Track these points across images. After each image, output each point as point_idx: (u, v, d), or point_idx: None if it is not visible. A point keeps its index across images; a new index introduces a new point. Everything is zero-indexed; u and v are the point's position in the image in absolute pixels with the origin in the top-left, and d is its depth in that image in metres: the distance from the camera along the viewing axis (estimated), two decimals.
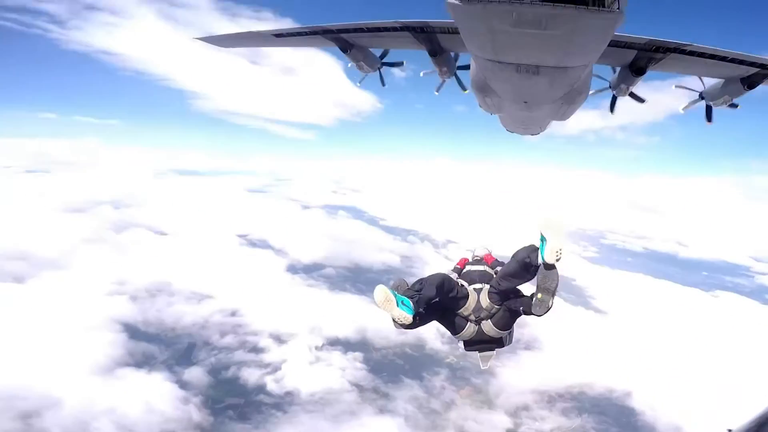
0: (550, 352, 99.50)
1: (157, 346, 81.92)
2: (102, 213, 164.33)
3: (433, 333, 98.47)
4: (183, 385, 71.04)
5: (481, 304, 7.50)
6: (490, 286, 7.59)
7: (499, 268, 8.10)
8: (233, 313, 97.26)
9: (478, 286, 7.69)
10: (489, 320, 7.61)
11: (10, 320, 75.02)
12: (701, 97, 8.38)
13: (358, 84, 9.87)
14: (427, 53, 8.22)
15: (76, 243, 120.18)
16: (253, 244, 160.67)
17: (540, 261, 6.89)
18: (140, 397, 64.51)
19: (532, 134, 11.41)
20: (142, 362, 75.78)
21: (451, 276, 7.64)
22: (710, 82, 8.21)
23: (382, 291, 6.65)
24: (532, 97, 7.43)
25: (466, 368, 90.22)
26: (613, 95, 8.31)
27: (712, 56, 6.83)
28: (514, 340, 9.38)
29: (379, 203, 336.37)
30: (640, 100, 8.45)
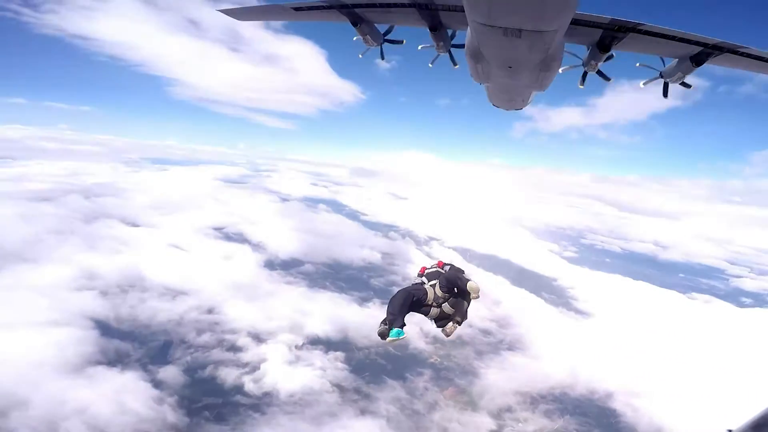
0: (533, 353, 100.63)
1: (131, 344, 79.29)
2: (71, 202, 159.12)
3: (417, 333, 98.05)
4: (157, 384, 68.83)
5: (437, 294, 10.21)
6: (438, 282, 10.33)
7: (447, 267, 10.87)
8: (210, 311, 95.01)
9: (433, 282, 10.40)
10: (446, 303, 10.22)
11: None
12: (661, 75, 9.20)
13: (360, 55, 10.59)
14: (427, 30, 9.14)
15: (43, 234, 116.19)
16: (229, 237, 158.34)
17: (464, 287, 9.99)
18: (113, 396, 62.18)
19: (516, 108, 12.08)
20: (115, 360, 73.15)
21: (409, 287, 10.55)
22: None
23: (394, 343, 9.79)
24: (515, 61, 8.34)
25: (450, 369, 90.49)
26: (585, 71, 9.18)
27: (664, 36, 7.86)
28: (497, 339, 73.70)
29: (360, 197, 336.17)
30: (606, 78, 9.44)
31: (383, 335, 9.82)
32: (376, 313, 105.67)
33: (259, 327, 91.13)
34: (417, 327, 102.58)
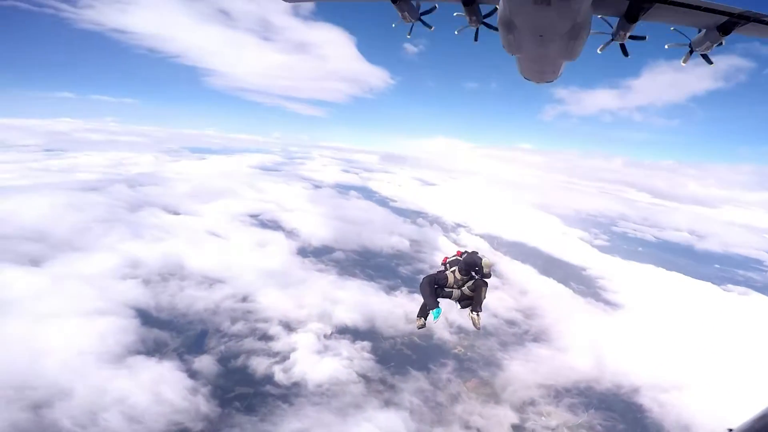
0: (558, 345, 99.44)
1: (169, 333, 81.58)
2: (117, 192, 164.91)
3: (442, 323, 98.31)
4: (193, 374, 70.81)
5: (456, 278, 11.92)
6: (458, 266, 11.93)
7: (465, 255, 12.22)
8: (244, 299, 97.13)
9: (453, 268, 12.07)
10: (465, 286, 11.96)
11: (24, 306, 74.72)
12: (690, 46, 9.06)
13: (408, 35, 11.11)
14: (461, 4, 9.45)
15: (91, 222, 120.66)
16: (264, 224, 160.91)
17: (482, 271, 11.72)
18: (150, 386, 64.38)
19: (547, 80, 12.03)
20: (153, 350, 75.50)
21: (433, 273, 12.28)
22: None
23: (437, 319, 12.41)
24: (545, 29, 8.54)
25: (474, 359, 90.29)
26: (615, 42, 9.27)
27: (690, 6, 7.84)
28: (522, 330, 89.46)
29: (389, 184, 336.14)
30: (641, 38, 9.23)
31: (421, 327, 12.87)
32: (403, 301, 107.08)
33: (290, 316, 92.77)
34: (442, 317, 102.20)
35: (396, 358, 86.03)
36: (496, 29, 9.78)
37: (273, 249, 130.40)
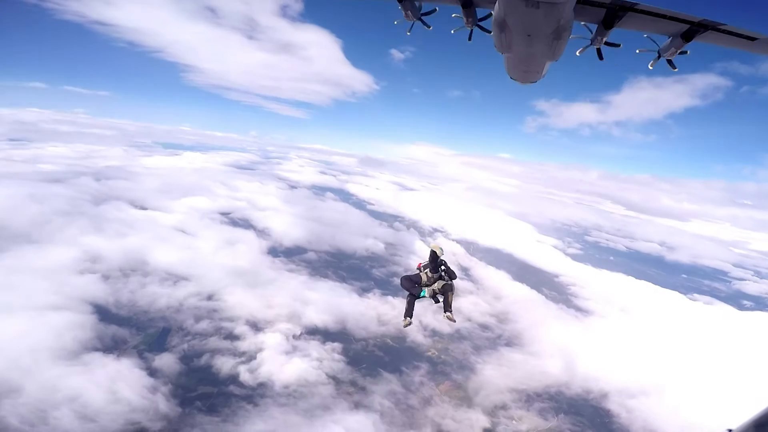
0: (530, 350, 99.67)
1: (128, 330, 78.74)
2: (82, 184, 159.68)
3: (416, 325, 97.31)
4: (153, 372, 68.23)
5: (428, 275, 14.09)
6: (429, 268, 14.21)
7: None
8: (210, 297, 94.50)
9: (426, 270, 14.21)
10: (436, 282, 14.12)
11: None
12: (659, 53, 9.73)
13: (408, 32, 11.46)
14: (459, 6, 10.02)
15: (51, 215, 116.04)
16: (235, 223, 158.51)
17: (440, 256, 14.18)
18: (106, 384, 61.57)
19: (532, 80, 12.51)
20: (111, 347, 72.58)
21: (409, 274, 14.37)
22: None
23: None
24: (533, 29, 9.14)
25: (447, 363, 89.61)
26: (595, 47, 9.93)
27: (657, 14, 8.65)
28: (495, 335, 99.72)
29: (368, 187, 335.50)
30: (616, 45, 10.01)
31: (407, 326, 14.47)
32: (375, 303, 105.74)
33: (258, 315, 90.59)
34: (416, 320, 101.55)
35: (367, 360, 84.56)
36: (488, 32, 10.62)
37: (242, 248, 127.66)
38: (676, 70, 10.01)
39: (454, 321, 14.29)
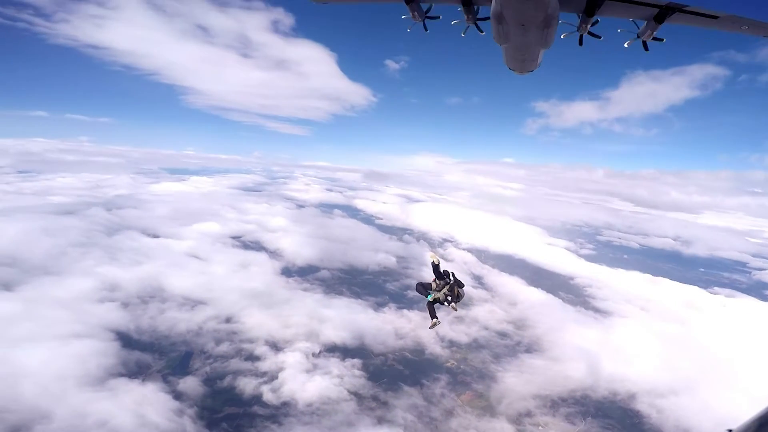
0: (551, 355, 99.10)
1: (151, 355, 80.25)
2: (94, 215, 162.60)
3: (433, 337, 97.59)
4: (178, 395, 69.26)
5: (437, 283, 15.99)
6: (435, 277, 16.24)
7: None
8: (228, 320, 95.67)
9: (435, 280, 16.14)
10: (444, 289, 15.82)
11: None
12: (638, 36, 10.71)
13: (408, 29, 12.43)
14: (460, 5, 11.32)
15: (67, 247, 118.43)
16: (246, 246, 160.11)
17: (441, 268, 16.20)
18: (134, 408, 62.56)
19: (528, 69, 13.81)
20: (136, 372, 74.05)
21: (423, 282, 16.73)
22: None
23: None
24: (526, 18, 10.52)
25: (467, 373, 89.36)
26: (579, 34, 11.07)
27: (630, 1, 9.78)
28: (514, 342, 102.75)
29: (374, 201, 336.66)
30: (597, 36, 11.12)
31: (434, 326, 16.25)
32: (392, 317, 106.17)
33: (277, 335, 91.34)
34: (433, 332, 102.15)
35: (388, 375, 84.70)
36: (482, 31, 12.03)
37: (256, 270, 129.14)
38: (648, 51, 11.11)
39: (456, 310, 16.34)
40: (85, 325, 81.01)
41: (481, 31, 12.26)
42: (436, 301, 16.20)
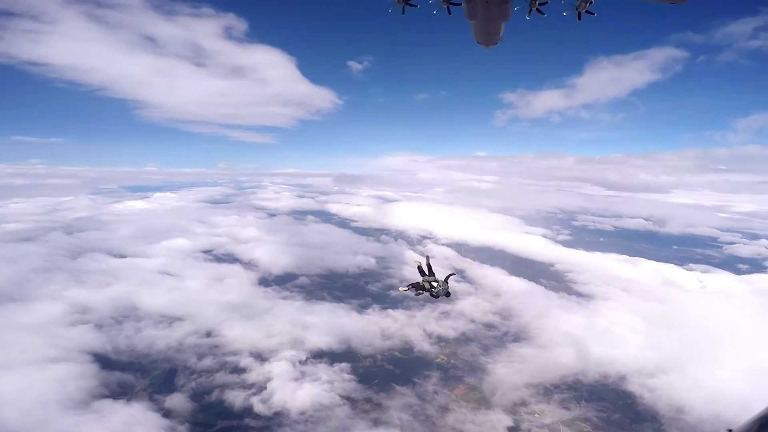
0: (539, 343, 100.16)
1: (133, 375, 78.61)
2: (54, 240, 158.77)
3: (420, 334, 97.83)
4: (167, 413, 67.96)
5: (425, 280, 19.48)
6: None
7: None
8: (209, 334, 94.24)
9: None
10: (433, 283, 19.36)
11: None
12: (576, 8, 11.92)
13: (390, 10, 13.31)
14: None
15: (29, 273, 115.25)
16: (219, 259, 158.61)
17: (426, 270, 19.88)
18: (123, 429, 61.18)
19: (493, 42, 15.06)
20: (119, 392, 72.44)
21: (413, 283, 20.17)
22: None
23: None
24: None
25: (458, 367, 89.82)
26: (530, 7, 12.50)
27: None
28: (501, 332, 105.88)
29: (348, 204, 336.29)
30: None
31: (447, 293, 19.97)
32: (376, 318, 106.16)
33: (260, 346, 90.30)
34: (420, 329, 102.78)
35: (378, 376, 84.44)
36: (450, 13, 13.31)
37: (232, 282, 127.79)
38: (580, 20, 12.32)
39: (446, 291, 19.91)
40: (59, 349, 79.07)
41: (450, 13, 13.58)
42: (422, 287, 19.94)
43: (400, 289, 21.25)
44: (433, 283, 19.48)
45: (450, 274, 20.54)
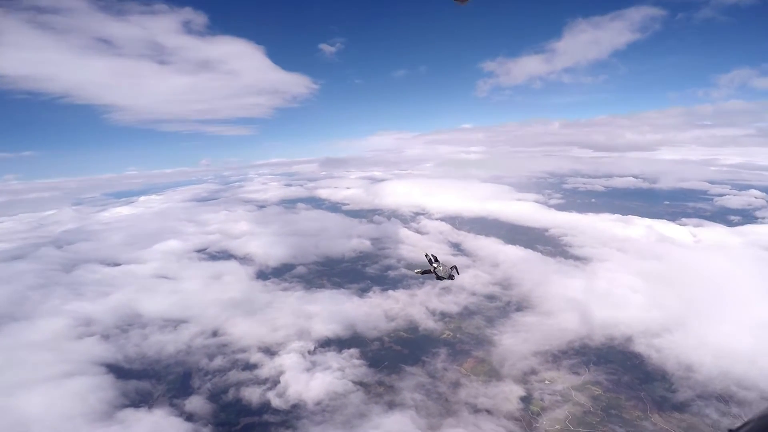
0: (543, 310, 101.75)
1: (149, 382, 79.74)
2: (45, 255, 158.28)
3: (424, 312, 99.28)
4: (189, 417, 69.17)
5: (432, 266, 26.88)
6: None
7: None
8: (215, 334, 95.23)
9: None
10: (439, 268, 26.67)
11: None
12: None
13: None
14: None
15: (26, 291, 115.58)
16: (214, 257, 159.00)
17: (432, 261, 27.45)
18: None
19: None
20: (139, 400, 73.68)
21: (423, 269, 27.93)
22: None
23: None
24: None
25: (464, 341, 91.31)
26: None
27: None
28: (504, 303, 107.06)
29: (337, 189, 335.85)
30: None
31: (450, 276, 27.05)
32: (378, 301, 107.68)
33: (268, 340, 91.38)
34: (422, 306, 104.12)
35: (387, 358, 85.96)
36: None
37: (229, 279, 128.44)
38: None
39: (454, 270, 27.24)
40: (71, 363, 79.83)
41: None
42: (428, 272, 27.19)
43: (415, 272, 29.41)
44: (439, 268, 26.90)
45: (453, 266, 27.65)
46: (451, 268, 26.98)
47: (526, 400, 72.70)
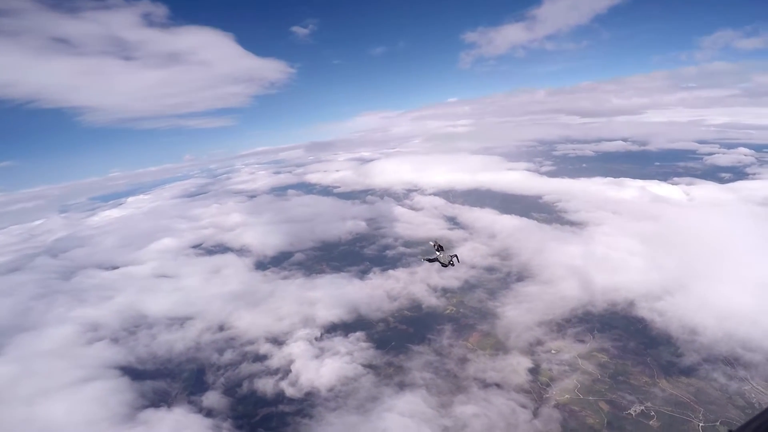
0: (543, 279, 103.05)
1: (164, 381, 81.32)
2: (41, 265, 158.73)
3: (425, 289, 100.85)
4: (208, 412, 70.74)
5: (437, 253, 30.39)
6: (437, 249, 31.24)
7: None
8: (221, 328, 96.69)
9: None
10: (442, 255, 30.34)
11: (4, 395, 73.53)
12: None
13: None
14: None
15: (28, 302, 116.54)
16: (210, 251, 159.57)
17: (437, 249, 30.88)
18: None
19: None
20: (158, 400, 75.12)
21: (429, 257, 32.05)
22: None
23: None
24: None
25: (467, 315, 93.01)
26: None
27: None
28: (504, 273, 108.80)
29: (326, 172, 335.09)
30: None
31: (450, 262, 30.36)
32: (379, 282, 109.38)
33: (274, 330, 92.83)
34: (423, 284, 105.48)
35: (394, 338, 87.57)
36: None
37: (229, 272, 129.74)
38: None
39: (454, 257, 30.09)
40: (85, 368, 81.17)
41: None
42: (434, 260, 30.45)
43: (423, 259, 33.29)
44: (441, 256, 30.39)
45: (454, 255, 30.94)
46: (451, 256, 30.59)
47: (534, 371, 73.74)
